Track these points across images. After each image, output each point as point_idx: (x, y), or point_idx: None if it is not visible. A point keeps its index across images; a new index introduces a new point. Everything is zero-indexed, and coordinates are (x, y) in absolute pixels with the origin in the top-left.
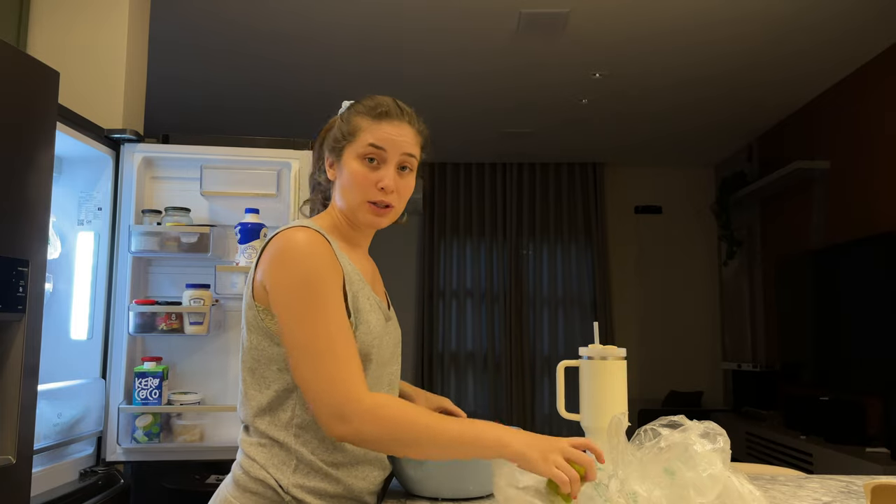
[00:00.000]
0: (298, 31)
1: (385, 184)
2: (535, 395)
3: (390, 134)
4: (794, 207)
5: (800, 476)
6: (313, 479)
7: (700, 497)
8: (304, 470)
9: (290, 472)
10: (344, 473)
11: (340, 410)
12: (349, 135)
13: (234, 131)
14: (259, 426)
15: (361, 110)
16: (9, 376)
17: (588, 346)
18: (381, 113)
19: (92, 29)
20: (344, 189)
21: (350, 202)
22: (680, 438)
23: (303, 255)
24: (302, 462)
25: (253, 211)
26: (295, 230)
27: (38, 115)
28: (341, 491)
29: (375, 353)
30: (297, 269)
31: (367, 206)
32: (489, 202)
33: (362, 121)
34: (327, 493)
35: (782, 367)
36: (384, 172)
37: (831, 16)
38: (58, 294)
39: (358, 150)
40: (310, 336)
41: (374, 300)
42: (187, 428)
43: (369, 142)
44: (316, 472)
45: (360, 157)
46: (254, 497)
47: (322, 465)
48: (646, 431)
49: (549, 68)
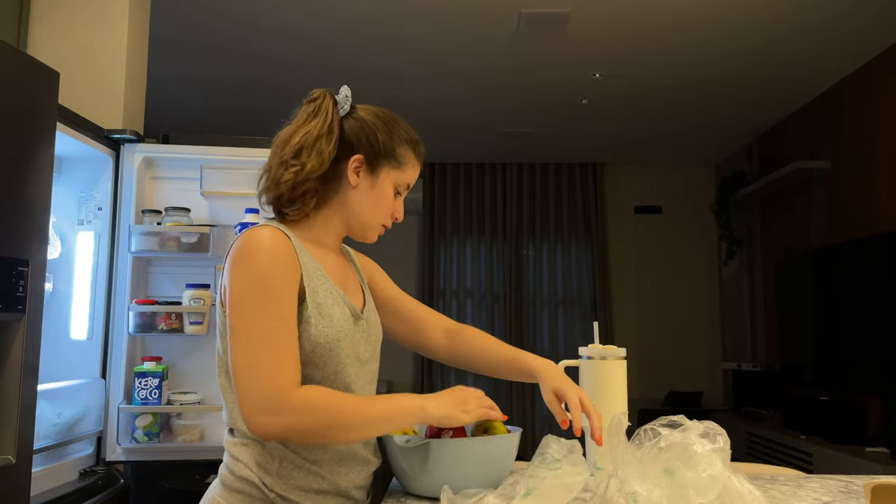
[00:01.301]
0: (299, 30)
1: (400, 216)
2: (535, 394)
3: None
4: (794, 207)
5: (800, 476)
6: (297, 475)
7: (700, 497)
8: (287, 467)
9: (273, 469)
10: (328, 470)
11: (268, 405)
12: (392, 158)
13: (234, 131)
14: (241, 428)
15: (408, 140)
16: (9, 376)
17: (588, 346)
18: (421, 154)
19: (92, 29)
20: (367, 203)
21: (367, 219)
22: (680, 438)
23: (257, 253)
24: (285, 459)
25: (253, 211)
26: (257, 229)
27: (38, 115)
28: (327, 486)
29: (345, 346)
30: (249, 266)
31: (378, 228)
32: (489, 202)
33: (409, 154)
34: (312, 488)
35: (782, 367)
36: (400, 205)
37: (831, 16)
38: (58, 294)
39: (397, 179)
40: (248, 329)
41: (338, 295)
42: (187, 428)
43: (409, 182)
44: (299, 469)
45: (395, 185)
46: (240, 496)
47: (305, 462)
48: (645, 431)
49: (549, 68)
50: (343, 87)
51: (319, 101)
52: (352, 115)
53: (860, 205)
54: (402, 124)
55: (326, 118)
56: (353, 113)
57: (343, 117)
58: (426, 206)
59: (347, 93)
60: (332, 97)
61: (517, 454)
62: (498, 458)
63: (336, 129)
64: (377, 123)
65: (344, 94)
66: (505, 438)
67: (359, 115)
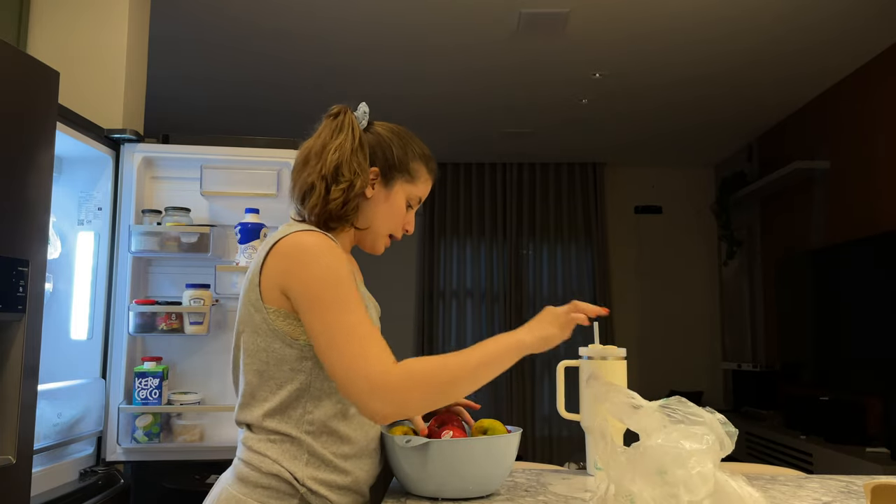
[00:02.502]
0: (300, 29)
1: (410, 229)
2: (535, 394)
3: None
4: (794, 207)
5: (800, 476)
6: (324, 471)
7: (689, 495)
8: (315, 463)
9: (302, 464)
10: (352, 465)
11: (377, 390)
12: (406, 173)
13: (235, 131)
14: (269, 425)
15: (421, 156)
16: (9, 376)
17: (588, 346)
18: (433, 171)
19: (92, 29)
20: (380, 214)
21: (380, 228)
22: (670, 439)
23: (321, 253)
24: (313, 455)
25: (253, 211)
26: (302, 234)
27: (38, 115)
28: (349, 482)
29: None
30: (319, 265)
31: (387, 238)
32: (489, 202)
33: (422, 169)
34: (336, 484)
35: (782, 367)
36: (411, 218)
37: (831, 15)
38: (58, 294)
39: (410, 192)
40: (336, 324)
41: (368, 298)
42: (187, 428)
43: (420, 196)
44: (326, 465)
45: (408, 199)
46: (266, 492)
47: (332, 458)
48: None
49: (549, 68)
50: (361, 103)
51: (342, 117)
52: (369, 130)
53: (860, 205)
54: (416, 141)
55: (353, 133)
56: (371, 128)
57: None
58: (426, 207)
59: (365, 109)
60: (352, 112)
61: (517, 454)
62: (498, 458)
63: (364, 144)
64: (392, 138)
65: (362, 111)
66: (505, 438)
67: (375, 130)
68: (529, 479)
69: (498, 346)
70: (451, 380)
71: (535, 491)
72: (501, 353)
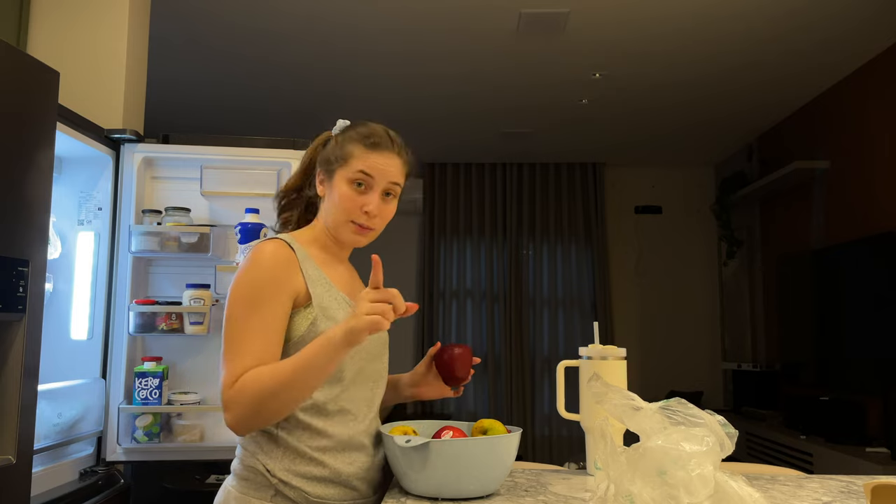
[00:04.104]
0: (301, 31)
1: (370, 208)
2: (535, 395)
3: (379, 163)
4: (794, 207)
5: (800, 476)
6: (299, 463)
7: (689, 497)
8: (290, 455)
9: (277, 458)
10: (331, 458)
11: (224, 404)
12: (341, 159)
13: (235, 131)
14: None
15: (355, 137)
16: (9, 376)
17: (588, 346)
18: (373, 143)
19: (92, 29)
20: (331, 208)
21: (336, 221)
22: (670, 440)
23: (252, 263)
24: (288, 449)
25: (253, 211)
26: (264, 242)
27: (38, 115)
28: (328, 475)
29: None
30: (246, 276)
31: (350, 226)
32: (489, 202)
33: (355, 148)
34: (314, 476)
35: (782, 367)
36: (370, 198)
37: (831, 15)
38: (58, 294)
39: (348, 174)
40: (226, 333)
41: (342, 300)
42: (187, 428)
43: (359, 168)
44: (302, 457)
45: (349, 181)
46: (246, 483)
47: (307, 451)
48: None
49: (549, 68)
50: (339, 120)
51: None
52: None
53: (860, 205)
54: (361, 128)
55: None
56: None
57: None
58: (426, 207)
59: (344, 124)
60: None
61: (517, 454)
62: (498, 458)
63: (313, 158)
64: (337, 137)
65: (339, 128)
66: (505, 438)
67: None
68: (529, 479)
69: (312, 346)
70: (273, 390)
71: (535, 491)
72: (317, 353)
